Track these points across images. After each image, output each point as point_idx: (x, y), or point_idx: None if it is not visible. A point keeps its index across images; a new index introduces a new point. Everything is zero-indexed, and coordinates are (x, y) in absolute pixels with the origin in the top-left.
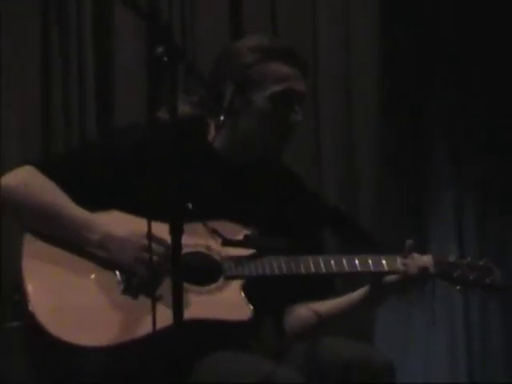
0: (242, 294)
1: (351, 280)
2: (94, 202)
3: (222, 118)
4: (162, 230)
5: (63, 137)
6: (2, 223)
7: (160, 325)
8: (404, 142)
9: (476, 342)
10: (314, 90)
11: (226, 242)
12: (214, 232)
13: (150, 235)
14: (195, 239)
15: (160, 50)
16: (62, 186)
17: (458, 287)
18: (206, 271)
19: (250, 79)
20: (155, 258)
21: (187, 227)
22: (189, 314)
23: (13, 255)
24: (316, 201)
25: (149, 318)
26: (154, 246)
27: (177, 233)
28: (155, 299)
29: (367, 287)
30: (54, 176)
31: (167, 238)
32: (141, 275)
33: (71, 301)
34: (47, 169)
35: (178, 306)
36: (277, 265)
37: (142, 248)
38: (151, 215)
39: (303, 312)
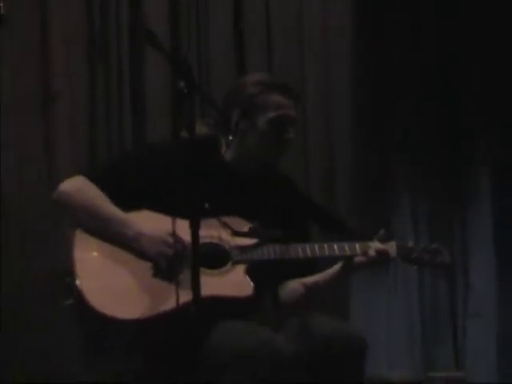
0: (246, 275)
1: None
2: (129, 203)
3: (230, 137)
4: (183, 226)
5: (106, 151)
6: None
7: (181, 301)
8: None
9: (427, 310)
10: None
11: (235, 233)
12: (225, 225)
13: (174, 233)
14: (209, 232)
15: (181, 84)
16: (104, 191)
17: (414, 267)
18: (217, 257)
19: (253, 106)
20: (174, 252)
21: (203, 222)
22: (203, 291)
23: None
24: (306, 200)
25: (171, 297)
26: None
27: (195, 227)
28: (175, 283)
29: (341, 264)
30: (99, 184)
31: (187, 233)
32: (164, 265)
33: (111, 283)
34: (94, 178)
35: (196, 286)
36: (273, 251)
37: (166, 244)
38: (176, 214)
39: (294, 286)
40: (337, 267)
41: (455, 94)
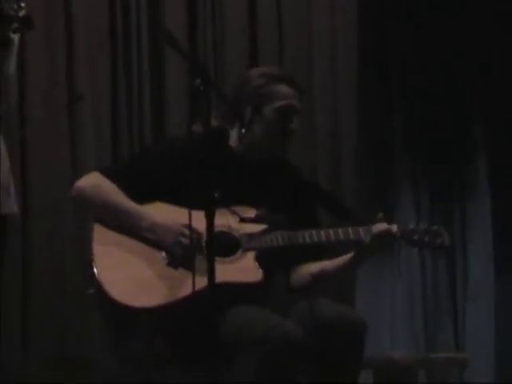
0: (256, 262)
1: (343, 247)
2: (144, 197)
3: (243, 130)
4: (196, 216)
5: (127, 148)
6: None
7: (196, 288)
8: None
9: (429, 294)
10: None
11: (242, 220)
12: (234, 212)
13: (190, 224)
14: (220, 221)
15: (198, 81)
16: (119, 186)
17: (416, 248)
18: (227, 246)
19: (260, 97)
20: (189, 242)
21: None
22: (216, 278)
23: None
24: (312, 187)
25: (186, 284)
26: (189, 232)
27: (211, 217)
28: (192, 271)
29: (352, 252)
30: (114, 179)
31: (200, 223)
32: (178, 254)
33: (128, 274)
34: (109, 174)
35: (211, 272)
36: (281, 238)
37: (180, 234)
38: (189, 205)
39: (303, 271)
40: (347, 256)
41: (457, 86)
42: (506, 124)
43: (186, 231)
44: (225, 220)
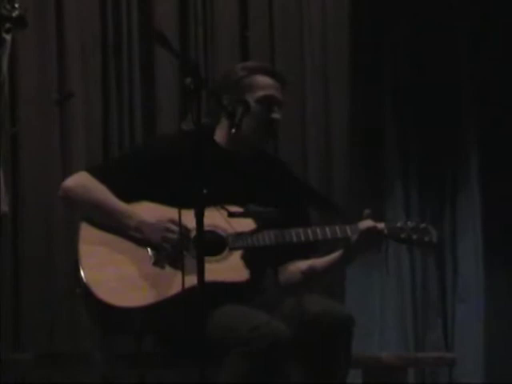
0: (242, 261)
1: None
2: (132, 195)
3: (233, 130)
4: (185, 215)
5: (118, 145)
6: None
7: (178, 288)
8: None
9: (418, 293)
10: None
11: (230, 214)
12: (222, 207)
13: (180, 223)
14: (208, 220)
15: (188, 80)
16: (107, 185)
17: (404, 245)
18: (214, 245)
19: (241, 88)
20: (176, 237)
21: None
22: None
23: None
24: (299, 182)
25: (172, 283)
26: (175, 228)
27: (200, 215)
28: (181, 268)
29: (341, 250)
30: (102, 178)
31: (189, 221)
32: (166, 250)
33: (114, 273)
34: (97, 173)
35: (201, 272)
36: (268, 238)
37: (166, 230)
38: (179, 204)
39: (292, 269)
40: (336, 254)
41: (449, 82)
42: (497, 122)
43: (173, 226)
44: (212, 219)
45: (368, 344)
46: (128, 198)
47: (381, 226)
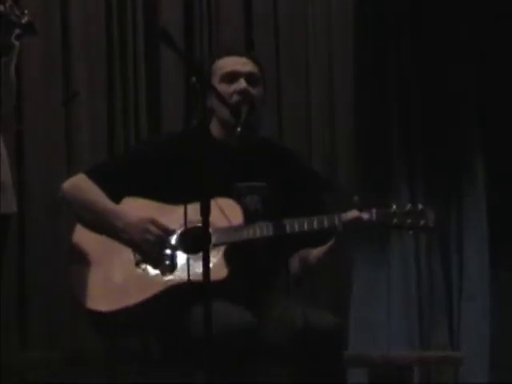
0: (224, 258)
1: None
2: (127, 194)
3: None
4: (173, 212)
5: (123, 144)
6: None
7: (158, 288)
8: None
9: (424, 291)
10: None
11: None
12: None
13: (185, 219)
14: (195, 216)
15: (193, 79)
16: (102, 187)
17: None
18: (199, 241)
19: (210, 75)
20: (154, 238)
21: (190, 206)
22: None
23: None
24: (308, 171)
25: (152, 284)
26: (154, 229)
27: (206, 211)
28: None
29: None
30: (97, 180)
31: (172, 219)
32: (145, 251)
33: (102, 276)
34: (92, 175)
35: (206, 266)
36: (252, 232)
37: (145, 231)
38: (183, 201)
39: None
40: (327, 245)
41: (455, 83)
42: (503, 123)
43: (152, 227)
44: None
45: (374, 343)
46: (125, 196)
47: (368, 214)
